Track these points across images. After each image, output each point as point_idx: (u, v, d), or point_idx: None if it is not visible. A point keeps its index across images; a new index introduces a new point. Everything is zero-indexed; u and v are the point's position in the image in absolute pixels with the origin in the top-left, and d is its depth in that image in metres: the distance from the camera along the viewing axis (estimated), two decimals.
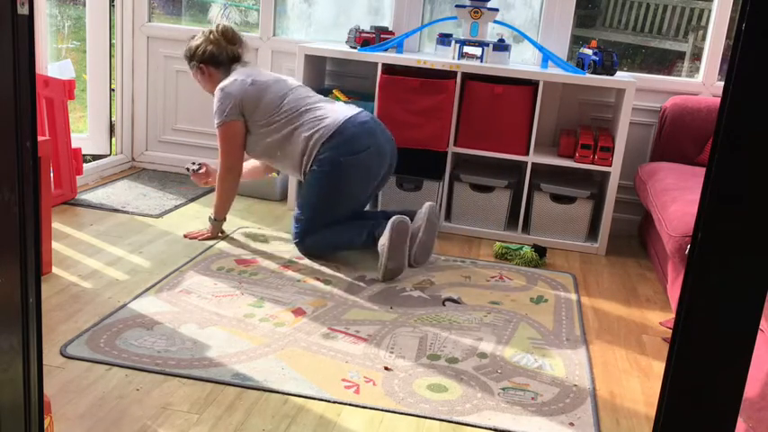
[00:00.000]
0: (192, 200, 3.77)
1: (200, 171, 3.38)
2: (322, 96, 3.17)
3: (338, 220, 3.05)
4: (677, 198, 2.84)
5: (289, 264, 3.01)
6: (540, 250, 3.31)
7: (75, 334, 2.27)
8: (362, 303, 2.69)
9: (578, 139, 3.50)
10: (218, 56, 3.18)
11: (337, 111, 3.03)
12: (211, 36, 3.18)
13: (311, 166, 2.98)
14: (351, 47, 3.70)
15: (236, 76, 3.12)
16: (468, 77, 3.55)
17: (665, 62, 4.11)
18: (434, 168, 3.61)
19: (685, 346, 0.88)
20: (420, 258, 3.01)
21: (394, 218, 2.87)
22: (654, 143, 3.73)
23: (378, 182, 3.12)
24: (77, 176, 3.63)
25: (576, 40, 3.95)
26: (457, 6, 3.58)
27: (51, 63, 3.77)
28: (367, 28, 3.74)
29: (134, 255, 2.97)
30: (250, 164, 3.40)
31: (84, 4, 4.03)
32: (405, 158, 3.36)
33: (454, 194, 3.61)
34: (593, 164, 3.48)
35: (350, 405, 2.02)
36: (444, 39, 3.65)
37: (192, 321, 2.42)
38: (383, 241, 2.87)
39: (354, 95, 3.69)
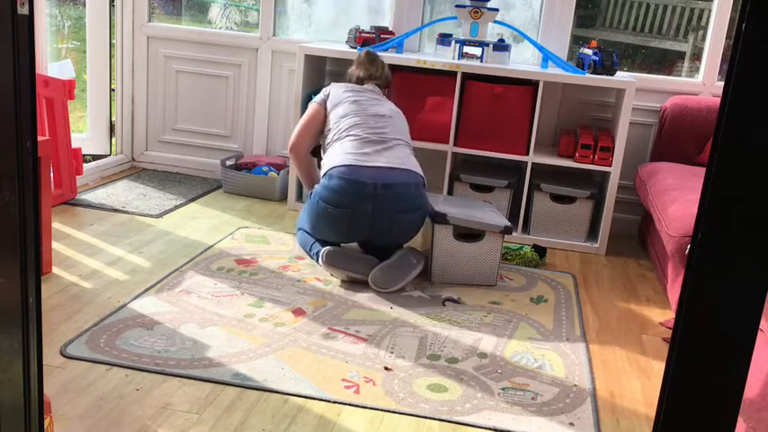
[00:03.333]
0: (192, 200, 3.77)
1: None
2: (377, 133, 2.97)
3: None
4: (677, 198, 2.84)
5: (289, 264, 3.01)
6: (540, 250, 3.31)
7: (75, 334, 2.27)
8: (362, 303, 2.69)
9: (578, 139, 3.50)
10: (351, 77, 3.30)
11: (348, 153, 2.88)
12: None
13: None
14: (351, 47, 3.70)
15: (348, 85, 3.21)
16: (468, 77, 3.55)
17: (665, 62, 4.11)
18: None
19: (685, 346, 0.88)
20: (380, 282, 2.79)
21: (324, 249, 2.85)
22: (654, 143, 3.73)
23: (359, 236, 2.93)
24: (77, 176, 3.63)
25: (576, 40, 3.95)
26: (457, 6, 3.58)
27: (51, 63, 3.77)
28: (367, 28, 3.74)
29: (134, 255, 2.97)
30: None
31: (84, 4, 4.03)
32: None
33: (454, 194, 3.61)
34: (593, 164, 3.48)
35: (350, 405, 2.02)
36: (444, 39, 3.65)
37: (191, 321, 2.42)
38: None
39: None
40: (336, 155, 2.91)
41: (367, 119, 3.01)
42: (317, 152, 3.19)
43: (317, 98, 3.16)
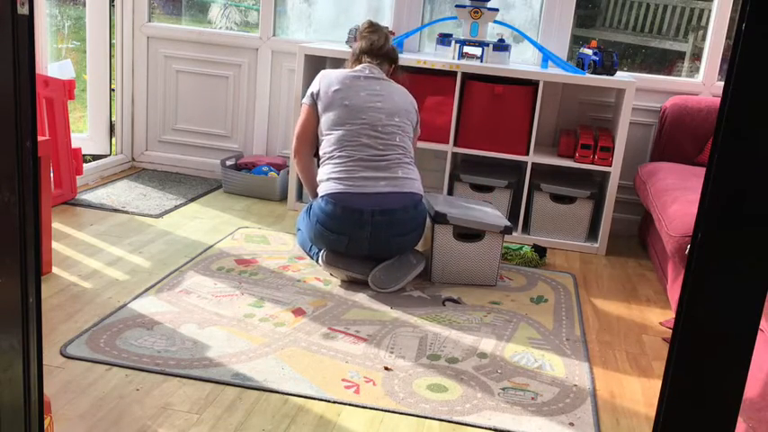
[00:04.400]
0: (192, 200, 3.77)
1: None
2: (371, 150, 2.86)
3: None
4: (677, 198, 2.84)
5: (289, 264, 3.01)
6: (540, 250, 3.31)
7: (75, 334, 2.27)
8: (362, 303, 2.69)
9: (578, 139, 3.50)
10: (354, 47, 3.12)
11: (343, 177, 2.81)
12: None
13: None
14: (351, 47, 3.70)
15: (343, 71, 3.03)
16: (468, 77, 3.55)
17: (665, 62, 4.11)
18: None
19: (685, 346, 0.88)
20: (380, 283, 2.79)
21: (323, 250, 2.86)
22: (654, 143, 3.73)
23: (358, 254, 2.86)
24: (77, 176, 3.63)
25: (576, 40, 3.95)
26: (457, 6, 3.58)
27: (51, 63, 3.77)
28: None
29: (134, 255, 2.97)
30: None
31: (84, 4, 4.03)
32: None
33: (454, 194, 3.61)
34: (593, 164, 3.48)
35: (350, 405, 2.02)
36: (444, 39, 3.65)
37: (192, 321, 2.42)
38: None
39: None
40: (332, 178, 2.83)
41: (360, 133, 2.85)
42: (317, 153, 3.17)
43: (306, 99, 2.98)
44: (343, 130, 2.87)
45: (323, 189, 2.85)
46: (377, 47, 3.03)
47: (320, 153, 2.96)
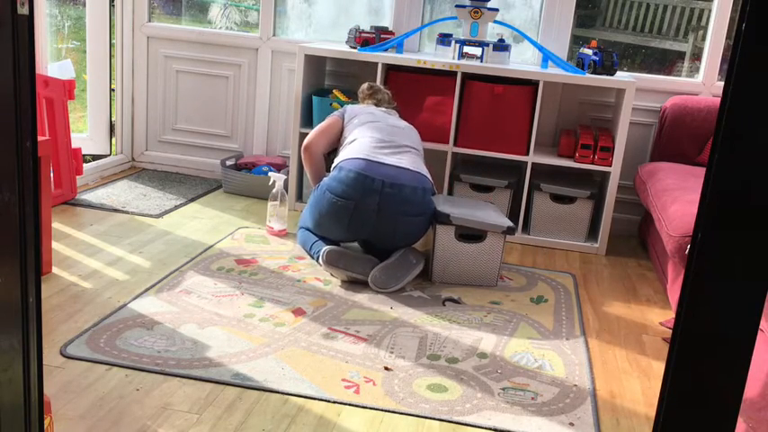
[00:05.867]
0: (192, 200, 3.77)
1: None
2: (392, 137, 3.05)
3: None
4: (677, 198, 2.84)
5: (289, 264, 3.01)
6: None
7: (75, 334, 2.27)
8: (362, 303, 2.69)
9: (578, 139, 3.50)
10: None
11: (362, 149, 2.94)
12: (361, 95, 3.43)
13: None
14: (351, 47, 3.70)
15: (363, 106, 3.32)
16: (468, 77, 3.55)
17: (665, 62, 4.10)
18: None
19: (685, 346, 0.88)
20: (380, 283, 2.79)
21: (324, 249, 2.87)
22: (654, 143, 3.73)
23: (360, 233, 2.93)
24: (77, 176, 3.63)
25: (576, 40, 3.95)
26: (457, 6, 3.58)
27: (51, 63, 3.77)
28: (367, 28, 3.74)
29: (134, 255, 2.97)
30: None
31: (84, 4, 4.03)
32: None
33: (454, 194, 3.61)
34: (593, 164, 3.48)
35: (350, 405, 2.02)
36: (444, 39, 3.65)
37: (192, 321, 2.42)
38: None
39: (354, 95, 3.69)
40: (350, 151, 2.96)
41: (383, 126, 3.09)
42: (327, 161, 3.20)
43: (337, 112, 3.25)
44: (367, 125, 3.08)
45: (339, 159, 2.96)
46: (385, 101, 3.36)
47: (341, 146, 3.11)
